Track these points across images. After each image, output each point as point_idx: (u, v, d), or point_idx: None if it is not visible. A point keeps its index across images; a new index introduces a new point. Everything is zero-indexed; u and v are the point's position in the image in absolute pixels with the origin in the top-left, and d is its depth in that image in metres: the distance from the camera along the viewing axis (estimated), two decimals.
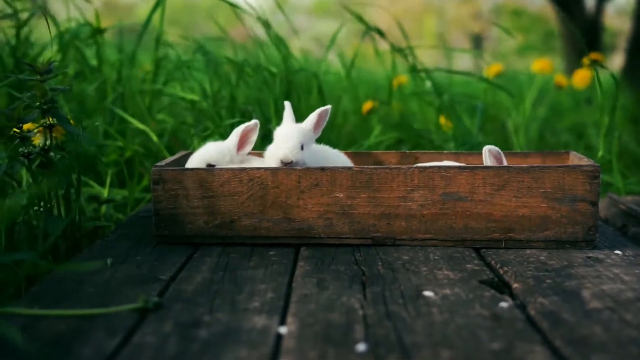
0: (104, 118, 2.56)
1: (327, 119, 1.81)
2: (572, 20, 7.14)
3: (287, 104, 1.86)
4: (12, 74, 2.04)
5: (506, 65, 5.09)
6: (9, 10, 2.48)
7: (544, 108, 3.79)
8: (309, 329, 1.13)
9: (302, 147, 1.71)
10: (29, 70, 1.64)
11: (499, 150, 1.77)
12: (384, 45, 3.12)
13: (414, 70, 2.90)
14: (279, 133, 1.76)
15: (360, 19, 2.85)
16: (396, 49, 2.86)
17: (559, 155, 1.96)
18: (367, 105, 3.13)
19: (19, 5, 2.55)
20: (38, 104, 1.64)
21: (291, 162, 1.68)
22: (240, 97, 2.78)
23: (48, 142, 1.67)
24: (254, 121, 1.81)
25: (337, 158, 1.86)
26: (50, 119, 1.66)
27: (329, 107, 1.80)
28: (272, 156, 1.72)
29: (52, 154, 1.66)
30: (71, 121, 1.77)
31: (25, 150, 1.62)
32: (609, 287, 1.33)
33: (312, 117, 1.78)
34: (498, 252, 1.61)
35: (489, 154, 1.76)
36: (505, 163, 1.77)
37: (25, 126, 1.65)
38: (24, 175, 1.77)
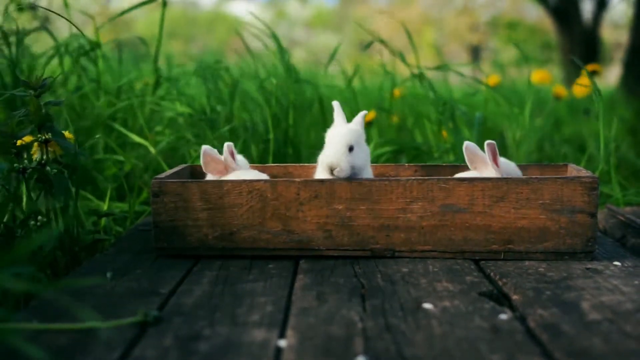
0: (104, 131, 2.57)
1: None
2: (570, 32, 7.17)
3: (336, 104, 1.80)
4: (6, 90, 2.04)
5: (504, 76, 5.11)
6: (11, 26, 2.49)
7: (543, 119, 3.80)
8: (309, 342, 1.13)
9: (351, 149, 1.67)
10: (23, 86, 1.65)
11: (494, 143, 1.72)
12: (384, 57, 3.14)
13: (416, 78, 2.91)
14: (326, 137, 1.72)
15: (367, 30, 2.87)
16: (396, 58, 2.88)
17: (557, 168, 1.96)
18: (367, 117, 3.14)
19: (21, 20, 2.56)
20: (32, 119, 1.64)
21: (338, 168, 1.64)
22: (238, 109, 2.79)
23: (44, 157, 1.68)
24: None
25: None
26: (45, 134, 1.66)
27: (365, 112, 1.79)
28: (321, 163, 1.70)
29: (48, 168, 1.66)
30: (69, 135, 1.77)
31: (21, 166, 1.62)
32: (608, 298, 1.33)
33: (360, 118, 1.76)
34: (497, 264, 1.61)
35: (487, 148, 1.72)
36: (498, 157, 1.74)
37: (21, 141, 1.65)
38: (24, 190, 1.77)
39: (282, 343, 1.13)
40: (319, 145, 1.90)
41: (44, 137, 1.67)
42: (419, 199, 1.64)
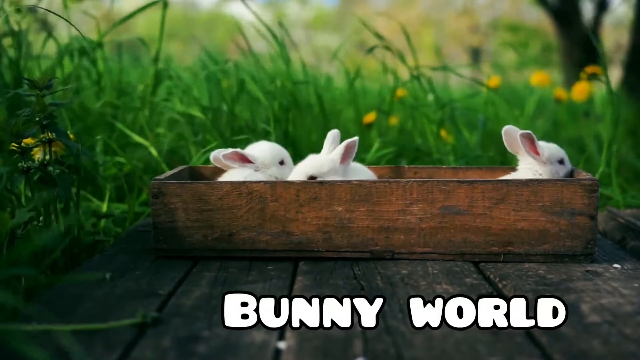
0: (104, 132, 2.57)
1: (355, 149, 1.79)
2: (570, 34, 7.17)
3: (331, 133, 1.85)
4: (11, 90, 2.04)
5: (504, 78, 5.11)
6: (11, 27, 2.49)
7: (543, 121, 3.80)
8: (308, 343, 1.13)
9: (312, 179, 1.71)
10: (29, 86, 1.65)
11: (531, 133, 1.77)
12: (383, 58, 3.14)
13: (415, 79, 2.91)
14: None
15: (371, 31, 2.87)
16: (398, 60, 2.88)
17: None
18: (368, 118, 3.14)
19: (21, 21, 2.56)
20: (37, 119, 1.64)
21: None
22: (240, 110, 2.80)
23: (47, 157, 1.68)
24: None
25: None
26: (49, 134, 1.66)
27: (356, 138, 1.79)
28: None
29: (51, 168, 1.66)
30: (71, 135, 1.77)
31: (25, 165, 1.62)
32: (608, 300, 1.33)
33: (340, 149, 1.78)
34: (497, 266, 1.61)
35: (522, 140, 1.76)
36: (537, 144, 1.77)
37: (25, 141, 1.65)
38: (23, 189, 1.77)
39: (281, 345, 1.13)
40: (319, 145, 1.91)
41: (47, 137, 1.67)
42: (418, 200, 1.63)
